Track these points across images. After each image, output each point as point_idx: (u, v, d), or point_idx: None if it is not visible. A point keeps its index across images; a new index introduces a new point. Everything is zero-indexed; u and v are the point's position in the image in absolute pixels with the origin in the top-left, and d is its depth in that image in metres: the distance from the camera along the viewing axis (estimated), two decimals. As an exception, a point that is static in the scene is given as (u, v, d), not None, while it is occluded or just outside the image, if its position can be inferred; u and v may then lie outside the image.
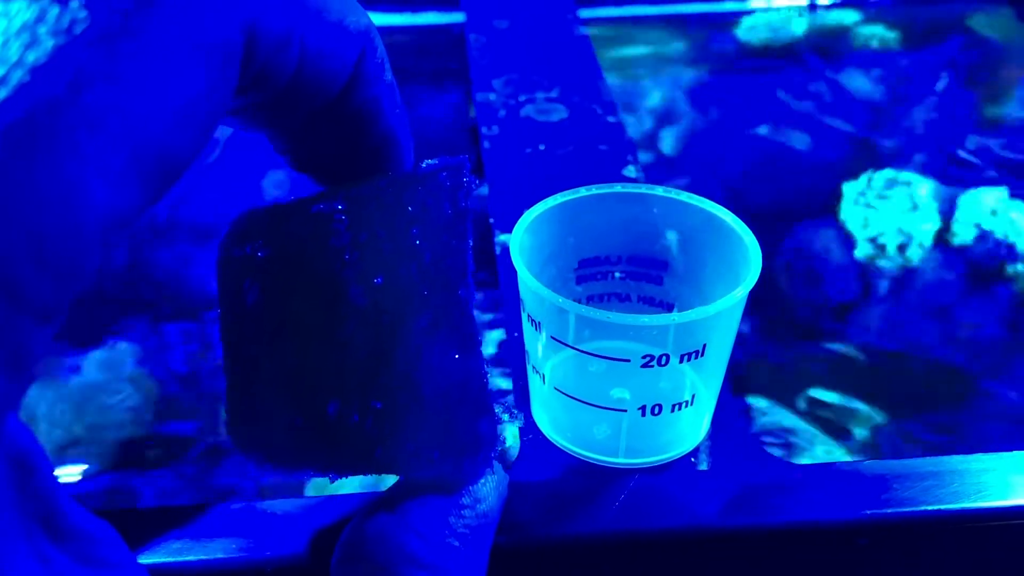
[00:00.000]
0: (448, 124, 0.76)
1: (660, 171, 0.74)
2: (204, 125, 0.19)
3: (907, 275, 0.61)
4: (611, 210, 0.36)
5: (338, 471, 0.25)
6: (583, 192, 0.36)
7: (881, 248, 0.63)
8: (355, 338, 0.23)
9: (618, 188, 0.36)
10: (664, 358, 0.31)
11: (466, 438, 0.25)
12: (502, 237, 0.46)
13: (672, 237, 0.36)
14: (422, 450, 0.24)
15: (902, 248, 0.63)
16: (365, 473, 0.25)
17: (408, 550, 0.24)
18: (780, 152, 0.76)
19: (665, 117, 0.80)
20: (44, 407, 0.55)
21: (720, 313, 0.31)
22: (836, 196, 0.69)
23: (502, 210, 0.48)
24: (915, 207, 0.67)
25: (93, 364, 0.56)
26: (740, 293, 0.31)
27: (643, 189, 0.36)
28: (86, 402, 0.55)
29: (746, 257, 0.33)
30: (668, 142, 0.77)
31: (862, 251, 0.63)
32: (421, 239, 0.23)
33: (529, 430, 0.36)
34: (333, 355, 0.23)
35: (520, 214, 0.35)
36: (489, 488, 0.26)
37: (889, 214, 0.66)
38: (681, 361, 0.31)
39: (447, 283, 0.24)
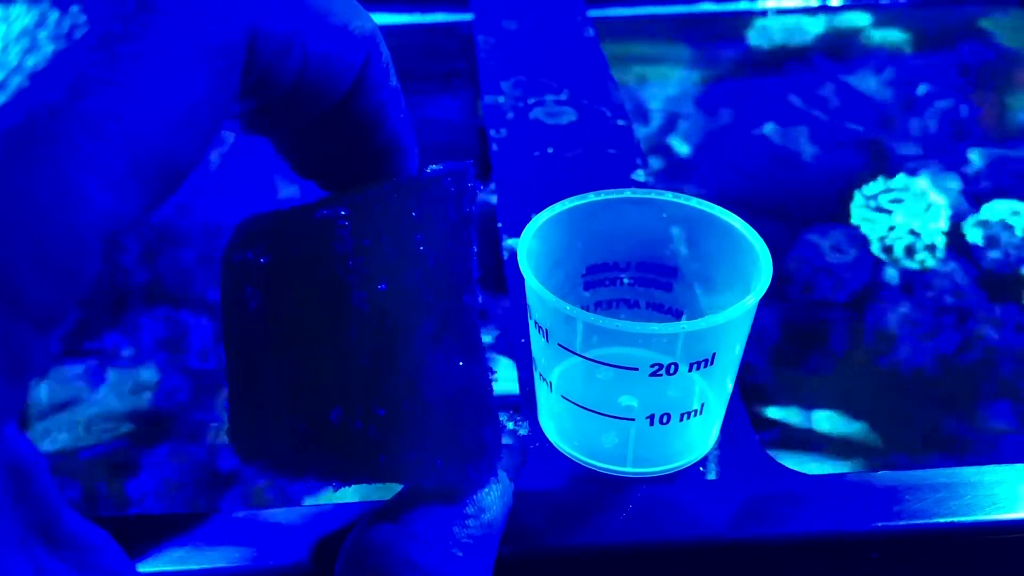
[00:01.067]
0: (456, 125, 0.76)
1: (669, 174, 0.74)
2: (206, 130, 0.19)
3: (917, 281, 0.61)
4: (620, 216, 0.36)
5: (341, 479, 0.25)
6: (592, 197, 0.35)
7: (891, 253, 0.63)
8: (358, 344, 0.23)
9: (627, 193, 0.36)
10: (673, 367, 0.31)
11: (470, 446, 0.24)
12: (510, 241, 0.46)
13: (682, 243, 0.36)
14: (425, 457, 0.24)
15: (913, 254, 0.63)
16: (368, 481, 0.25)
17: (411, 559, 0.24)
18: (790, 156, 0.76)
19: (674, 120, 0.80)
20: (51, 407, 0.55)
21: (730, 322, 0.30)
22: (846, 200, 0.68)
23: (510, 214, 0.48)
24: (926, 212, 0.66)
25: (103, 366, 0.56)
26: (750, 301, 0.31)
27: (653, 195, 0.36)
28: (96, 403, 0.55)
29: (756, 264, 0.32)
30: (677, 145, 0.77)
31: (872, 256, 0.63)
32: (425, 245, 0.23)
33: (536, 438, 0.35)
34: (336, 361, 0.23)
35: (528, 218, 0.34)
36: (493, 497, 0.26)
37: (900, 219, 0.65)
38: (690, 370, 0.31)
39: (451, 289, 0.23)
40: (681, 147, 0.77)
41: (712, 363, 0.31)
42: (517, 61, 0.65)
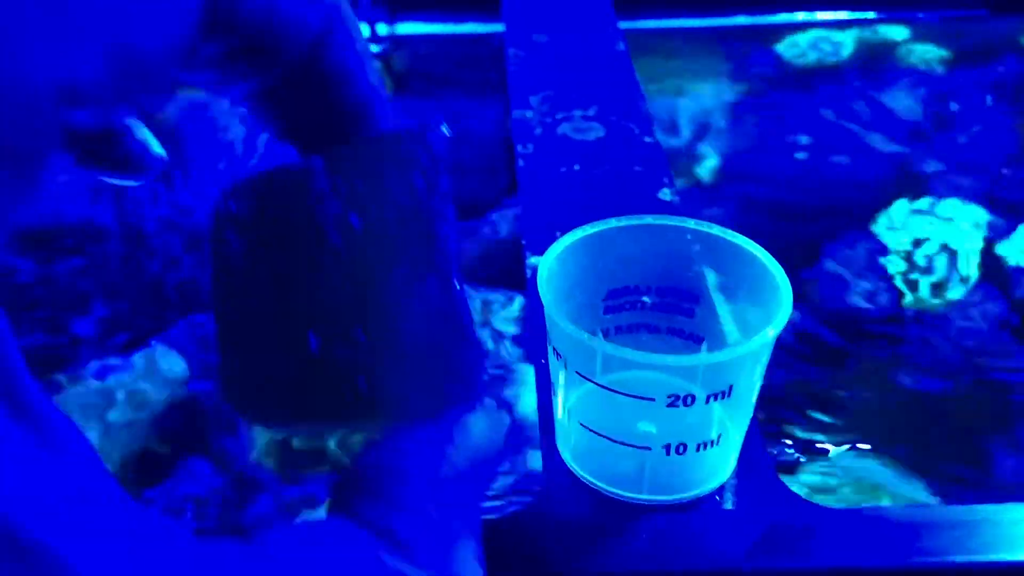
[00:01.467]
0: (485, 137, 0.76)
1: (698, 189, 0.73)
2: (175, 34, 0.20)
3: (946, 304, 0.60)
4: (642, 241, 0.36)
5: (328, 419, 0.25)
6: (613, 223, 0.35)
7: (921, 273, 0.62)
8: (336, 279, 0.24)
9: (649, 220, 0.36)
10: (690, 398, 0.31)
11: (451, 371, 0.25)
12: (533, 260, 0.46)
13: (704, 270, 0.36)
14: (408, 384, 0.24)
15: (943, 275, 0.62)
16: (356, 419, 0.25)
17: (401, 469, 0.24)
18: (820, 172, 0.75)
19: (705, 133, 0.80)
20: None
21: (749, 353, 0.30)
22: (875, 219, 0.68)
23: (534, 232, 0.48)
24: (957, 232, 0.66)
25: (139, 364, 0.57)
26: (769, 334, 0.31)
27: (675, 221, 0.36)
28: (130, 402, 0.55)
29: (777, 296, 0.32)
30: (707, 159, 0.77)
31: (901, 276, 0.62)
32: (399, 185, 0.24)
33: (552, 462, 0.36)
34: (315, 296, 0.24)
35: (552, 236, 0.35)
36: (482, 426, 0.26)
37: (932, 239, 0.65)
38: (708, 400, 0.31)
39: (427, 224, 0.25)
40: (711, 161, 0.77)
41: (730, 394, 0.31)
42: (547, 75, 0.65)
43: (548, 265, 0.33)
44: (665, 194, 0.51)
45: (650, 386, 0.31)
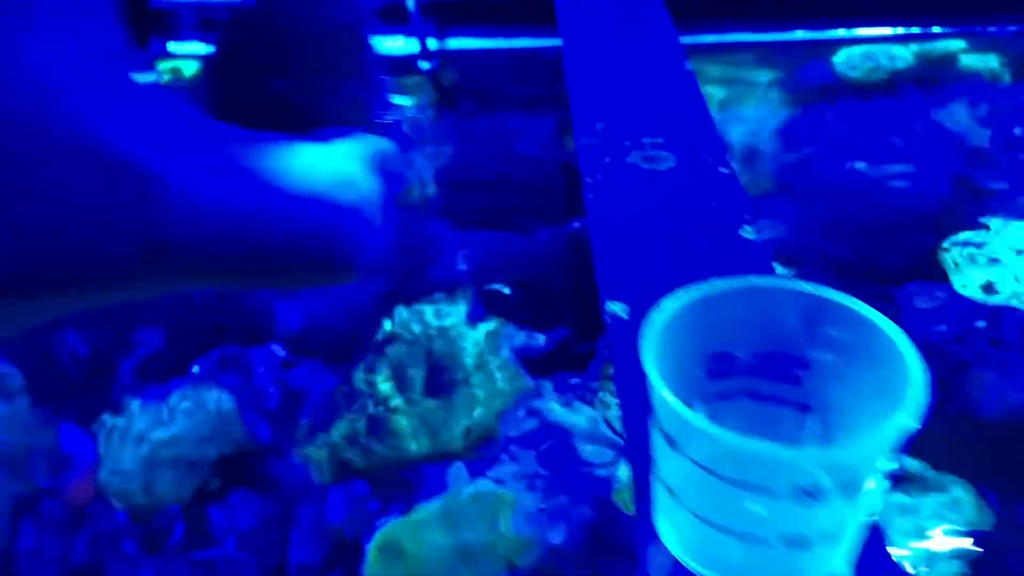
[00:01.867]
0: (540, 156, 0.74)
1: (753, 203, 0.71)
2: None
3: (1015, 329, 0.58)
4: (747, 304, 0.33)
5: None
6: (718, 286, 0.33)
7: (987, 295, 0.60)
8: (305, 56, 0.31)
9: (755, 281, 0.33)
10: (814, 490, 0.28)
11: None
12: (612, 306, 0.44)
13: (814, 337, 0.33)
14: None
15: (1013, 299, 0.60)
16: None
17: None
18: (876, 191, 0.73)
19: (757, 147, 0.77)
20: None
21: (878, 444, 0.28)
22: (940, 244, 0.65)
23: (610, 274, 0.46)
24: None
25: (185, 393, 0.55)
26: (902, 424, 0.28)
27: (783, 284, 0.33)
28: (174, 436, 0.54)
29: (904, 374, 0.30)
30: (760, 172, 0.74)
31: (966, 309, 0.59)
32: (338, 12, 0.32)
33: (650, 541, 0.33)
34: (289, 67, 0.31)
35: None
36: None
37: (997, 263, 0.62)
38: (831, 495, 0.28)
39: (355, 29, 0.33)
40: (765, 177, 0.74)
41: (855, 486, 0.29)
42: (611, 98, 0.63)
43: (653, 335, 0.31)
44: (747, 232, 0.49)
45: (770, 473, 0.29)
